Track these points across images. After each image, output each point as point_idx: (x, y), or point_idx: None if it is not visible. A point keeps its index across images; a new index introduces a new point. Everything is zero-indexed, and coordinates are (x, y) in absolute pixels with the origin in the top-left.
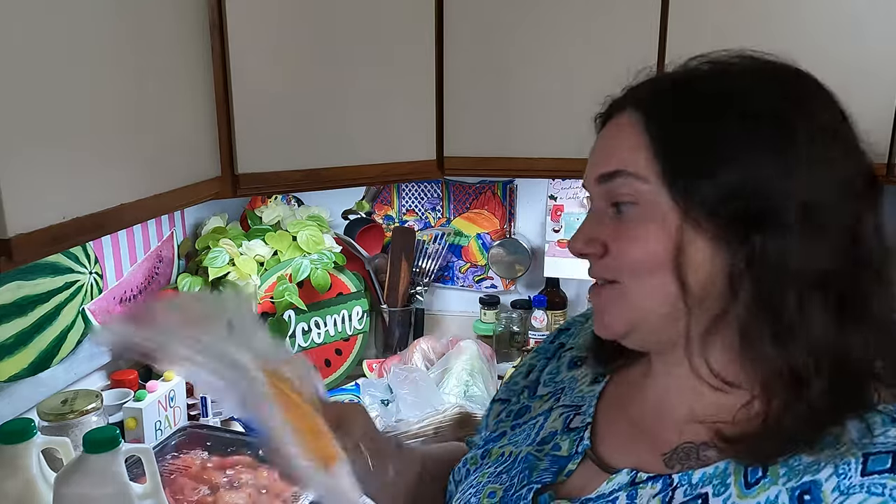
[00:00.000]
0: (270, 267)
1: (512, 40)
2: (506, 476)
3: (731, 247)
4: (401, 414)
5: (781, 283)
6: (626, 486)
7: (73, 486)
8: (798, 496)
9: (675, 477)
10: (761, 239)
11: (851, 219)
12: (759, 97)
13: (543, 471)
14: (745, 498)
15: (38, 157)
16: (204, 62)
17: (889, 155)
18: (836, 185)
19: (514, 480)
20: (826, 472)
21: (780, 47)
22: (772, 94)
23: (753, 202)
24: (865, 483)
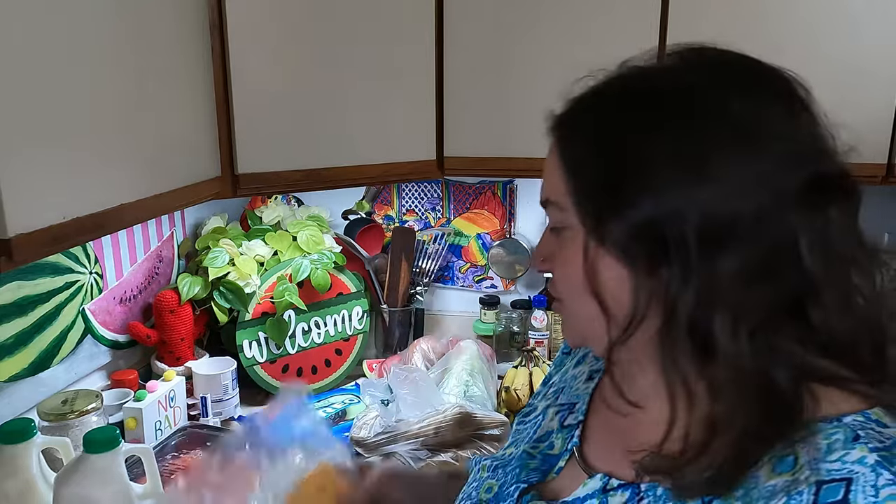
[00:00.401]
0: (270, 267)
1: (512, 40)
2: (501, 472)
3: (639, 276)
4: (401, 414)
5: (689, 310)
6: (599, 493)
7: (73, 486)
8: None
9: (642, 487)
10: (667, 270)
11: (781, 236)
12: (667, 116)
13: (533, 470)
14: None
15: (38, 157)
16: (204, 62)
17: (889, 155)
18: (759, 202)
19: (507, 477)
20: (779, 498)
21: (779, 47)
22: (679, 109)
23: (659, 234)
24: None
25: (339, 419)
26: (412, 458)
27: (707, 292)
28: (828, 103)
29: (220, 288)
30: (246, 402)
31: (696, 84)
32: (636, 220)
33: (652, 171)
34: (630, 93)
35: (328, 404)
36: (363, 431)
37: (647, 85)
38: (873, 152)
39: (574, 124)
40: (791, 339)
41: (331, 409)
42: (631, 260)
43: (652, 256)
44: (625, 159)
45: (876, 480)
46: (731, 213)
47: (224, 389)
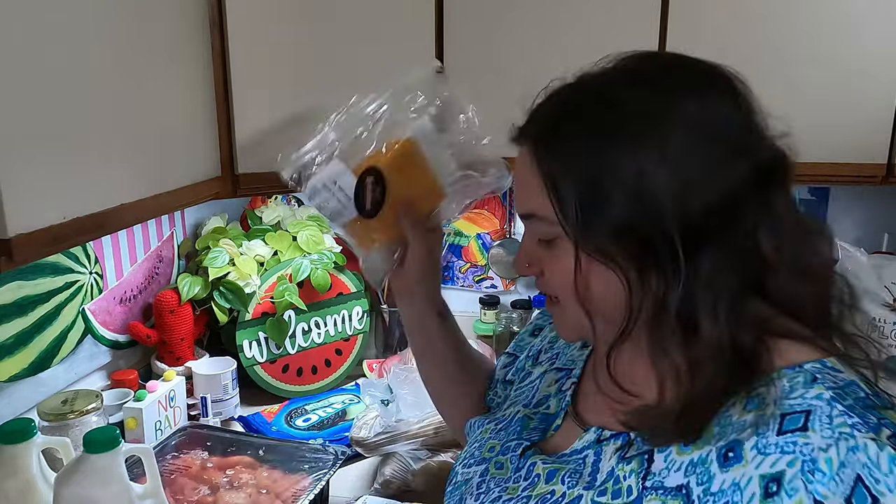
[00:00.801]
0: (270, 267)
1: (512, 40)
2: (504, 433)
3: (630, 279)
4: (401, 414)
5: (677, 303)
6: (594, 444)
7: (73, 486)
8: (724, 454)
9: (632, 435)
10: (656, 270)
11: (745, 222)
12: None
13: (533, 429)
14: (682, 455)
15: (38, 157)
16: (204, 61)
17: (889, 155)
18: (723, 193)
19: (509, 437)
20: (748, 432)
21: (779, 48)
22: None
23: (645, 238)
24: (779, 442)
25: (339, 419)
26: (412, 458)
27: (692, 284)
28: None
29: (220, 288)
30: (246, 402)
31: (656, 91)
32: (622, 228)
33: (626, 179)
34: (594, 105)
35: (328, 404)
36: (363, 431)
37: (609, 96)
38: (873, 152)
39: (547, 140)
40: (754, 307)
41: (331, 409)
42: (621, 265)
43: (640, 259)
44: (600, 172)
45: (830, 412)
46: (703, 206)
47: (224, 389)
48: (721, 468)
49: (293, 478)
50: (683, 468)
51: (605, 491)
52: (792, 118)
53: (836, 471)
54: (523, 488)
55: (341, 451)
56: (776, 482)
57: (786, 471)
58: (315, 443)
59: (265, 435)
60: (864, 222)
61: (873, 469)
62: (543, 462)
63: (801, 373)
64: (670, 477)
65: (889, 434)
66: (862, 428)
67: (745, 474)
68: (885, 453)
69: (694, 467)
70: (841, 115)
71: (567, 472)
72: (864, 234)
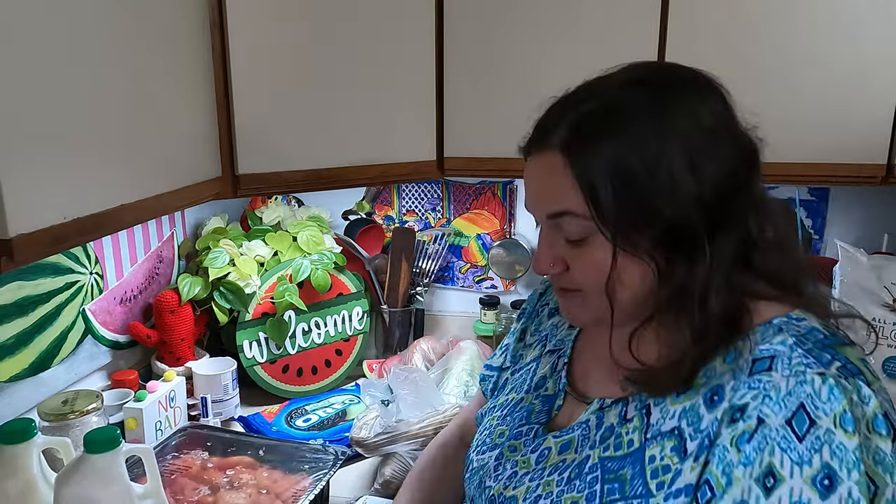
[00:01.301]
0: (271, 267)
1: (512, 40)
2: (510, 418)
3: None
4: (401, 414)
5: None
6: (597, 411)
7: (73, 487)
8: (709, 397)
9: (629, 399)
10: (684, 261)
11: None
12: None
13: (539, 412)
14: (675, 404)
15: (39, 157)
16: (204, 61)
17: (889, 155)
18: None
19: (517, 422)
20: (728, 376)
21: (779, 48)
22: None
23: (680, 235)
24: (750, 382)
25: (339, 419)
26: (412, 458)
27: (711, 266)
28: (828, 104)
29: (221, 288)
30: (246, 402)
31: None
32: (654, 221)
33: (655, 174)
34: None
35: (328, 404)
36: (363, 431)
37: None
38: (873, 152)
39: (576, 144)
40: (742, 279)
41: (331, 410)
42: (653, 256)
43: (669, 248)
44: (630, 170)
45: (791, 354)
46: (716, 193)
47: (224, 390)
48: (708, 409)
49: (293, 478)
50: (677, 415)
51: (608, 446)
52: (792, 118)
53: (782, 397)
54: (536, 461)
55: (341, 452)
56: (741, 411)
57: (749, 402)
58: (315, 443)
59: (265, 435)
60: (864, 222)
61: (815, 398)
62: (554, 437)
63: (771, 326)
64: (666, 423)
65: (838, 366)
66: (814, 365)
67: (723, 408)
68: (826, 385)
69: (686, 413)
70: (841, 115)
71: (578, 440)
72: (864, 234)
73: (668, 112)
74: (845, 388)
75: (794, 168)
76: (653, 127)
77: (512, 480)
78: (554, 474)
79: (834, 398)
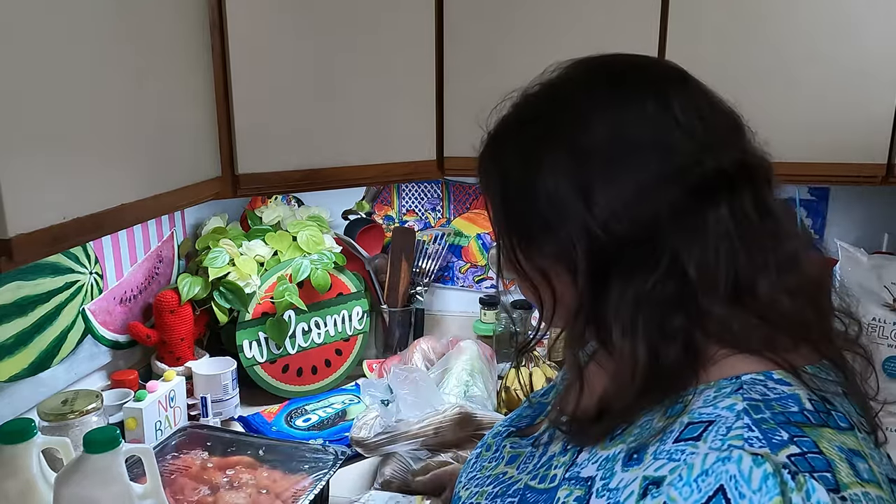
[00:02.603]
0: (270, 267)
1: (512, 40)
2: (508, 419)
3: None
4: (401, 414)
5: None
6: (551, 430)
7: (73, 487)
8: (629, 454)
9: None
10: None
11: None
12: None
13: (525, 416)
14: (604, 449)
15: (39, 157)
16: (204, 62)
17: (889, 155)
18: (637, 221)
19: (506, 423)
20: (655, 437)
21: (779, 48)
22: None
23: (561, 259)
24: (671, 449)
25: (339, 419)
26: (412, 458)
27: (602, 304)
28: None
29: (220, 288)
30: (246, 402)
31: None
32: (533, 246)
33: (538, 198)
34: (513, 122)
35: (328, 404)
36: (363, 431)
37: (526, 114)
38: (873, 152)
39: (483, 162)
40: (682, 322)
41: (331, 409)
42: (530, 278)
43: (546, 275)
44: (526, 196)
45: (733, 423)
46: (613, 234)
47: (224, 389)
48: (623, 467)
49: (293, 478)
50: (598, 462)
51: (537, 476)
52: (792, 118)
53: (695, 477)
54: (490, 468)
55: (341, 451)
56: (655, 485)
57: (666, 476)
58: (315, 443)
59: (265, 435)
60: (864, 222)
61: (740, 482)
62: (512, 445)
63: (734, 383)
64: (586, 468)
65: (794, 453)
66: (756, 443)
67: (637, 476)
68: (761, 469)
69: (605, 462)
70: (841, 115)
71: (524, 457)
72: (864, 234)
73: (570, 132)
74: (784, 485)
75: (794, 168)
76: (546, 147)
77: (470, 481)
78: (490, 485)
79: (767, 490)
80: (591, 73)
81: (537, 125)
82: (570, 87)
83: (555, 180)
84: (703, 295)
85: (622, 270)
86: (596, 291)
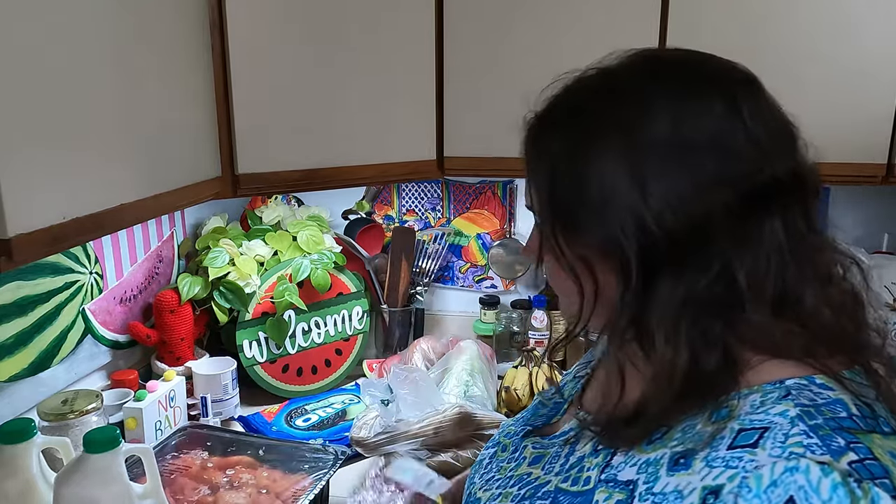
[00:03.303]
0: (270, 267)
1: (512, 40)
2: (521, 418)
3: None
4: (401, 414)
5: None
6: (576, 429)
7: (73, 486)
8: (675, 459)
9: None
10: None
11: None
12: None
13: (541, 415)
14: (642, 452)
15: (38, 157)
16: (204, 62)
17: (889, 155)
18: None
19: (520, 422)
20: (704, 443)
21: (779, 48)
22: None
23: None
24: (727, 456)
25: (339, 419)
26: (412, 458)
27: (646, 305)
28: (828, 103)
29: (220, 288)
30: (246, 402)
31: (630, 98)
32: (582, 240)
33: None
34: (566, 111)
35: (328, 404)
36: (363, 431)
37: (582, 103)
38: (873, 152)
39: (532, 144)
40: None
41: (331, 409)
42: (576, 272)
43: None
44: (577, 185)
45: (789, 430)
46: (665, 232)
47: (224, 389)
48: (668, 472)
49: (293, 478)
50: (638, 465)
51: (569, 478)
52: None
53: (765, 489)
54: (511, 469)
55: (341, 451)
56: (714, 494)
57: (725, 485)
58: (315, 443)
59: (265, 435)
60: (864, 222)
61: (810, 493)
62: (534, 446)
63: (779, 388)
64: (624, 471)
65: (853, 460)
66: (817, 450)
67: (689, 483)
68: (829, 479)
69: (647, 466)
70: (841, 114)
71: (549, 458)
72: (864, 234)
73: (629, 127)
74: (853, 494)
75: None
76: (602, 140)
77: (489, 483)
78: (515, 486)
79: (837, 500)
80: (655, 65)
81: (593, 112)
82: (633, 77)
83: (611, 170)
84: (749, 303)
85: (673, 270)
86: (644, 287)
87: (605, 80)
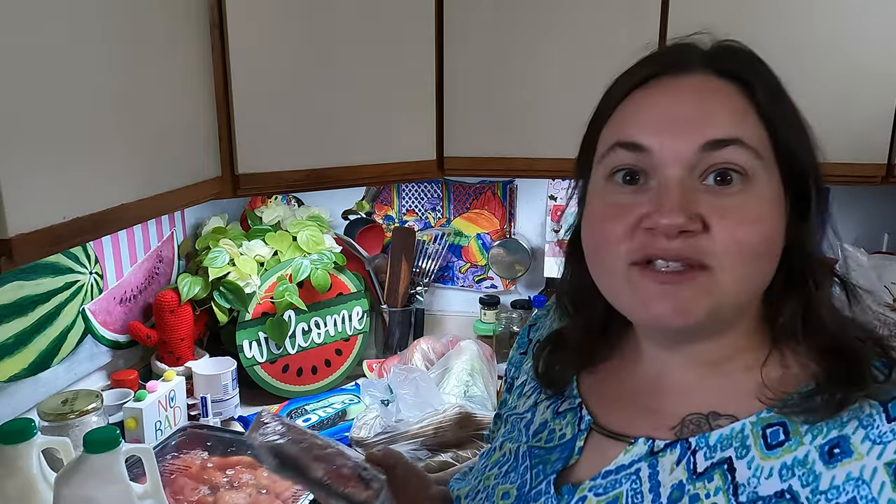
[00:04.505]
0: (270, 267)
1: (512, 40)
2: (514, 474)
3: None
4: (401, 414)
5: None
6: (646, 457)
7: (73, 487)
8: (828, 451)
9: (692, 441)
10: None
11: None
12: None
13: (555, 461)
14: (768, 459)
15: (39, 157)
16: (204, 61)
17: (889, 155)
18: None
19: (525, 477)
20: (851, 426)
21: (779, 47)
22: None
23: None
24: (894, 428)
25: (339, 419)
26: (412, 458)
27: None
28: (828, 103)
29: (220, 288)
30: (246, 402)
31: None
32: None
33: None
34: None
35: (328, 404)
36: (363, 431)
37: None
38: (873, 152)
39: (753, 74)
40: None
41: (331, 409)
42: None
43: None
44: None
45: None
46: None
47: (224, 389)
48: (826, 465)
49: None
50: (777, 473)
51: None
52: None
53: None
54: None
55: None
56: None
57: None
58: None
59: None
60: (864, 222)
61: None
62: (595, 493)
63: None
64: (763, 484)
65: None
66: None
67: (864, 466)
68: None
69: (791, 470)
70: (841, 114)
71: (627, 496)
72: (864, 234)
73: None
74: None
75: None
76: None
77: None
78: None
79: None
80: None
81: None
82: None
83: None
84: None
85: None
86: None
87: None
